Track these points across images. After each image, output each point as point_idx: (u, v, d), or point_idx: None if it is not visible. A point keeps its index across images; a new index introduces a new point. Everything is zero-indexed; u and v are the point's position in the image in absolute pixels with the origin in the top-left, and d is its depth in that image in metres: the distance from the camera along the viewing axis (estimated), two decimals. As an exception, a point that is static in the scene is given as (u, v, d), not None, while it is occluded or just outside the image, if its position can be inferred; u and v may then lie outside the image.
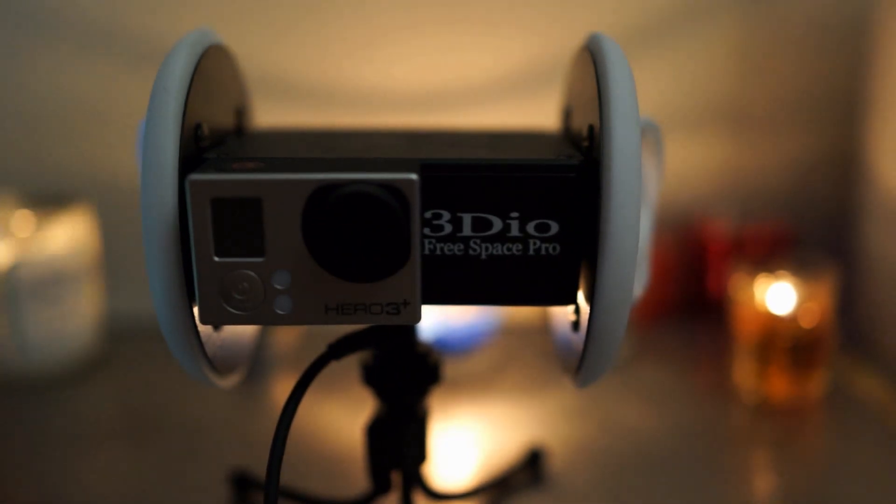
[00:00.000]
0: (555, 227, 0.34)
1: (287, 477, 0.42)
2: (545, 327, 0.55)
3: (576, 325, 0.36)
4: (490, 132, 0.43)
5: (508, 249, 0.34)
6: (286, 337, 0.72)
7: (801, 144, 0.81)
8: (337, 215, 0.29)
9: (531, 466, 0.55)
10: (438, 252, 0.34)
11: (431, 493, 0.46)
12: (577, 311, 0.36)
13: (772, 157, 0.81)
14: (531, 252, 0.34)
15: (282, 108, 0.75)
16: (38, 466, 0.56)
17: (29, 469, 0.56)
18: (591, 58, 0.35)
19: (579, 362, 0.35)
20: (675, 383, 0.69)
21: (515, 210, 0.33)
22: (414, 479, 0.44)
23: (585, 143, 0.35)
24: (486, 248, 0.34)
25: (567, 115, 0.43)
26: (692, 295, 0.81)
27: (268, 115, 0.54)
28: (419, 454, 0.44)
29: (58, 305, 0.69)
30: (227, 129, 0.40)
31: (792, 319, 0.64)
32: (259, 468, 0.52)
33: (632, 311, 0.33)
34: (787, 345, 0.64)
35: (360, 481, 0.51)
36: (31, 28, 0.73)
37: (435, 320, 0.68)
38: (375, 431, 0.43)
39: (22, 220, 0.70)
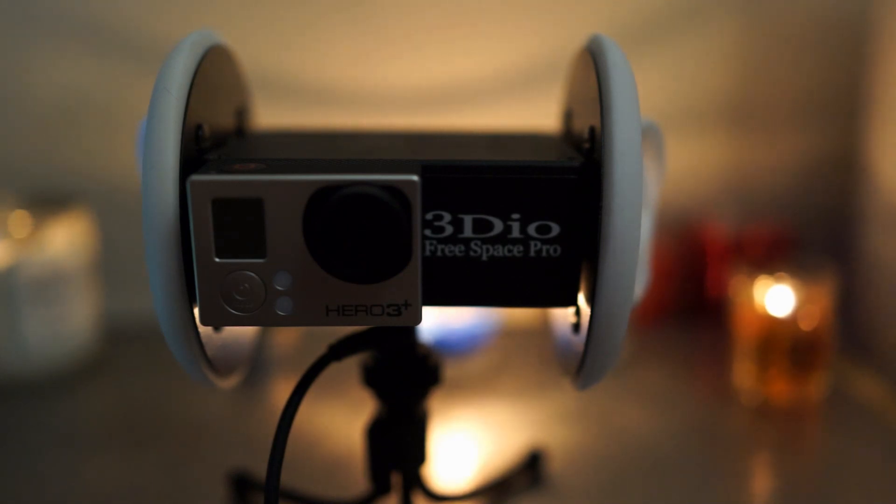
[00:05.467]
0: (556, 229, 0.34)
1: (287, 478, 0.42)
2: (545, 329, 0.55)
3: (576, 326, 0.36)
4: (491, 133, 0.43)
5: (509, 251, 0.34)
6: (286, 338, 0.72)
7: (801, 146, 0.81)
8: (338, 216, 0.29)
9: (531, 468, 0.55)
10: (439, 253, 0.34)
11: (431, 495, 0.46)
12: (578, 312, 0.36)
13: (772, 159, 0.81)
14: (532, 254, 0.34)
15: (283, 110, 0.75)
16: (37, 467, 0.56)
17: (28, 470, 0.56)
18: (592, 59, 0.35)
19: (579, 364, 0.35)
20: (675, 385, 0.69)
21: (516, 211, 0.33)
22: (414, 481, 0.44)
23: (586, 145, 0.35)
24: (487, 250, 0.34)
25: (568, 116, 0.43)
26: (692, 297, 0.81)
27: (269, 116, 0.54)
28: (419, 455, 0.44)
29: (56, 306, 0.69)
30: (228, 130, 0.40)
31: (791, 321, 0.64)
32: (259, 469, 0.52)
33: (632, 312, 0.33)
34: (787, 347, 0.64)
35: (359, 482, 0.51)
36: (30, 28, 0.73)
37: (435, 322, 0.68)
38: (375, 433, 0.43)
39: (20, 220, 0.70)
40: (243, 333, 0.43)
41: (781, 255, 0.77)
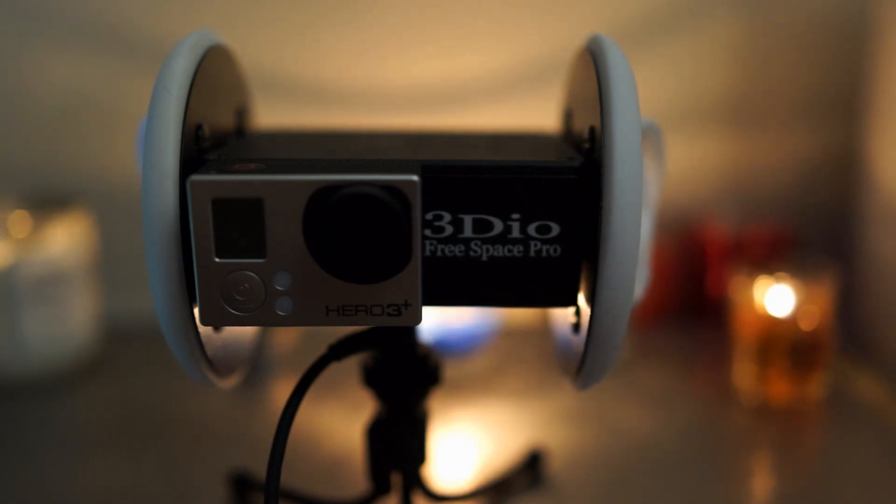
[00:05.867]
0: (556, 229, 0.34)
1: (287, 478, 0.42)
2: (545, 329, 0.55)
3: (576, 326, 0.36)
4: (491, 133, 0.43)
5: (509, 251, 0.34)
6: (286, 338, 0.72)
7: (802, 146, 0.81)
8: (338, 216, 0.29)
9: (531, 468, 0.55)
10: (439, 253, 0.34)
11: (431, 495, 0.46)
12: (578, 312, 0.36)
13: (772, 159, 0.81)
14: (532, 254, 0.34)
15: (283, 110, 0.75)
16: (37, 468, 0.56)
17: (28, 470, 0.56)
18: (592, 59, 0.35)
19: (579, 364, 0.35)
20: (675, 385, 0.69)
21: (516, 211, 0.33)
22: (414, 481, 0.44)
23: (586, 145, 0.35)
24: (487, 250, 0.34)
25: (568, 116, 0.43)
26: (692, 296, 0.81)
27: (269, 116, 0.54)
28: (419, 455, 0.44)
29: (56, 306, 0.69)
30: (228, 130, 0.40)
31: (791, 321, 0.64)
32: (259, 469, 0.52)
33: (632, 312, 0.33)
34: (787, 347, 0.64)
35: (359, 483, 0.51)
36: (30, 28, 0.73)
37: (435, 322, 0.68)
38: (375, 433, 0.43)
39: (20, 220, 0.70)
40: (243, 333, 0.43)
41: (781, 255, 0.77)
